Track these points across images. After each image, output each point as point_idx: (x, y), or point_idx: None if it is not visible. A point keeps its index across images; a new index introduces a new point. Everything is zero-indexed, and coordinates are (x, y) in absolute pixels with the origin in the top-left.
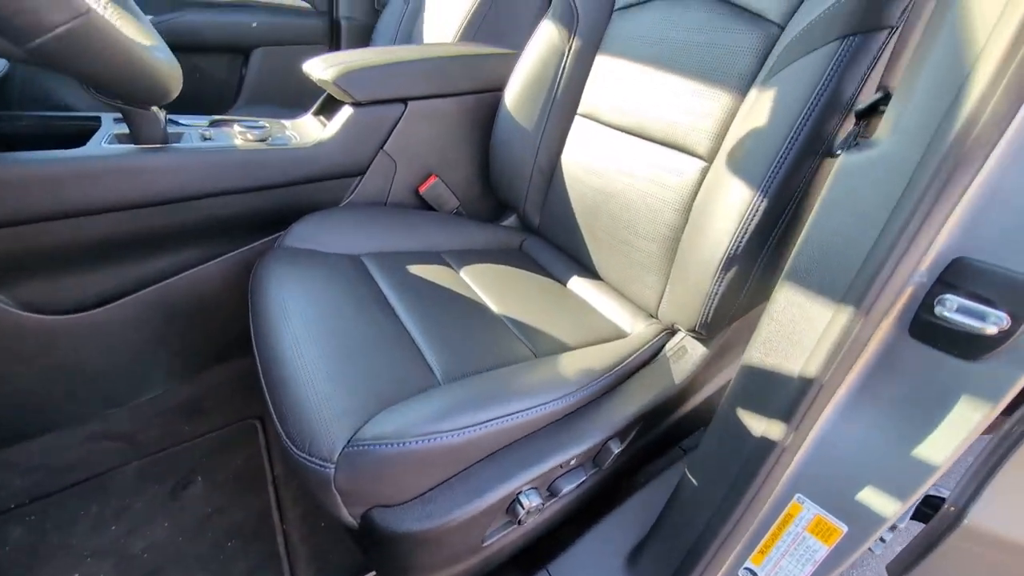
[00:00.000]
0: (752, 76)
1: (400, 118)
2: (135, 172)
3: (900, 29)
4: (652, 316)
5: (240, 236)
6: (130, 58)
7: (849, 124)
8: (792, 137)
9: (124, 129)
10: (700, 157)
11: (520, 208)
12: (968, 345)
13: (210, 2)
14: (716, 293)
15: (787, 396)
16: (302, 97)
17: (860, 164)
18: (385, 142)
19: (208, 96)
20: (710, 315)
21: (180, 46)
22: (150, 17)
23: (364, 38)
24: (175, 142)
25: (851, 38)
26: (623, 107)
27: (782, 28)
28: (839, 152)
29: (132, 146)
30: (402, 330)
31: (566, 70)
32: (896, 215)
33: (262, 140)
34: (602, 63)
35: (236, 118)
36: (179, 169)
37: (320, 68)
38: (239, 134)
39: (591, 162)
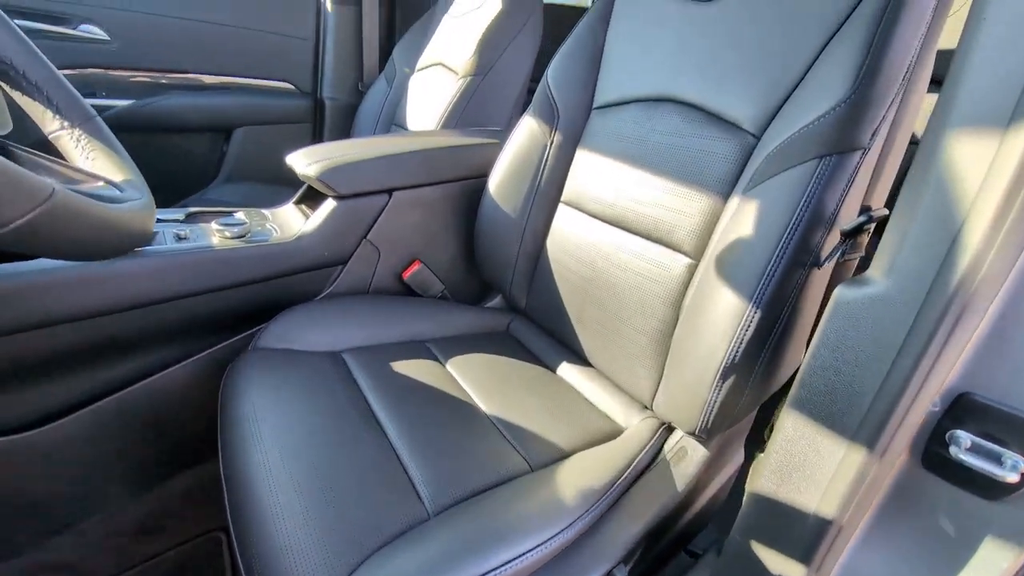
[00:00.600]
0: (731, 181)
1: (384, 207)
2: (102, 280)
3: (870, 150)
4: (646, 407)
5: (212, 335)
6: (102, 225)
7: (833, 238)
8: (780, 250)
9: None
10: (686, 254)
11: (506, 290)
12: (988, 486)
13: (194, 85)
14: (715, 401)
15: (804, 534)
16: (283, 174)
17: (860, 302)
18: (369, 231)
19: (188, 174)
20: (710, 421)
21: (161, 127)
22: (131, 101)
23: (348, 117)
24: (151, 239)
25: (828, 158)
26: (606, 199)
27: (757, 138)
28: (825, 264)
29: None
30: (386, 445)
31: (548, 161)
32: (903, 355)
33: (240, 236)
34: (583, 156)
35: (214, 210)
36: (151, 275)
37: (303, 163)
38: (216, 232)
39: (577, 250)
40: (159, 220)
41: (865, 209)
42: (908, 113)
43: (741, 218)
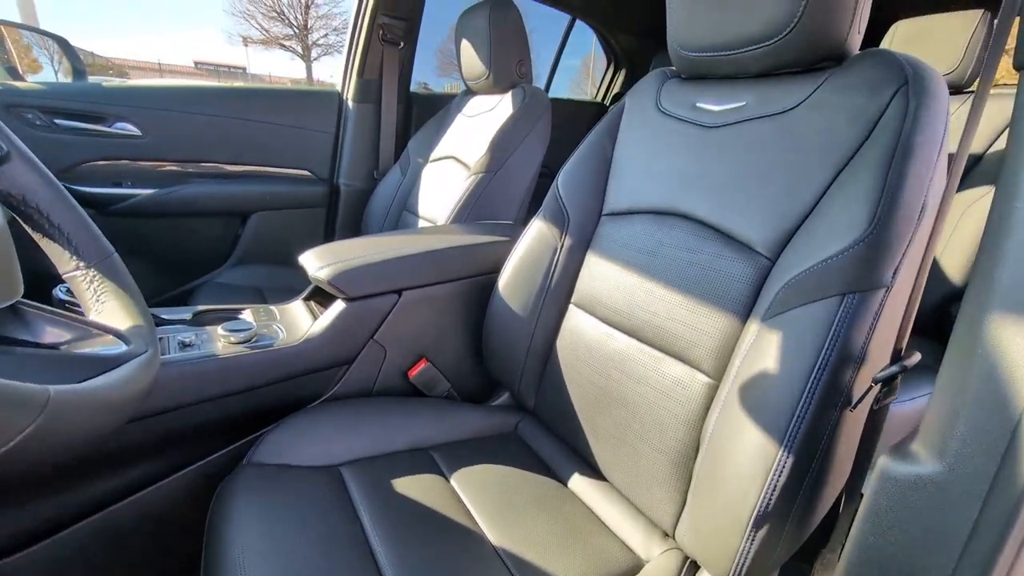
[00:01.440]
0: (747, 303)
1: (393, 307)
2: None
3: (892, 288)
4: (667, 534)
5: (210, 444)
6: (105, 409)
7: (863, 376)
8: (809, 390)
9: None
10: (705, 373)
11: (515, 389)
12: None
13: (214, 173)
14: (749, 550)
15: None
16: (295, 257)
17: (910, 482)
18: (376, 331)
19: (200, 256)
20: (743, 570)
21: (181, 213)
22: (154, 190)
23: (361, 203)
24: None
25: (851, 296)
26: (620, 308)
27: (771, 261)
28: (857, 406)
29: None
30: None
31: (559, 263)
32: (970, 555)
33: (246, 341)
34: (594, 260)
35: (222, 308)
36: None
37: (314, 265)
38: (221, 337)
39: (589, 356)
40: (165, 321)
41: (896, 354)
42: (926, 250)
43: (764, 348)
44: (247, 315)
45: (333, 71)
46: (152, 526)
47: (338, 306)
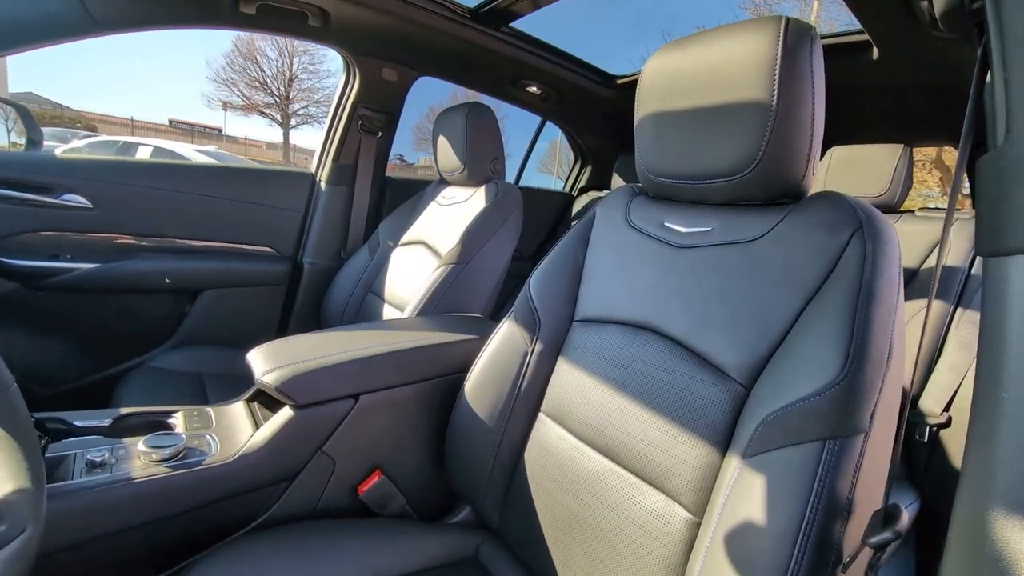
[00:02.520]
0: (726, 431)
1: (348, 414)
2: None
3: (870, 434)
4: None
5: None
6: None
7: (853, 528)
8: (800, 548)
9: None
10: (685, 507)
11: (477, 503)
12: None
13: (167, 248)
14: None
15: None
16: (244, 338)
17: None
18: (325, 442)
19: (139, 335)
20: None
21: (125, 289)
22: (95, 265)
23: (325, 281)
24: (52, 471)
25: (832, 442)
26: (591, 422)
27: (746, 388)
28: (848, 568)
29: None
30: None
31: (529, 369)
32: None
33: (171, 459)
34: (565, 368)
35: (148, 411)
36: (51, 521)
37: (262, 367)
38: (141, 455)
39: (560, 474)
40: (78, 431)
41: (890, 517)
42: (894, 394)
43: (748, 492)
44: (178, 419)
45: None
46: None
47: (284, 413)
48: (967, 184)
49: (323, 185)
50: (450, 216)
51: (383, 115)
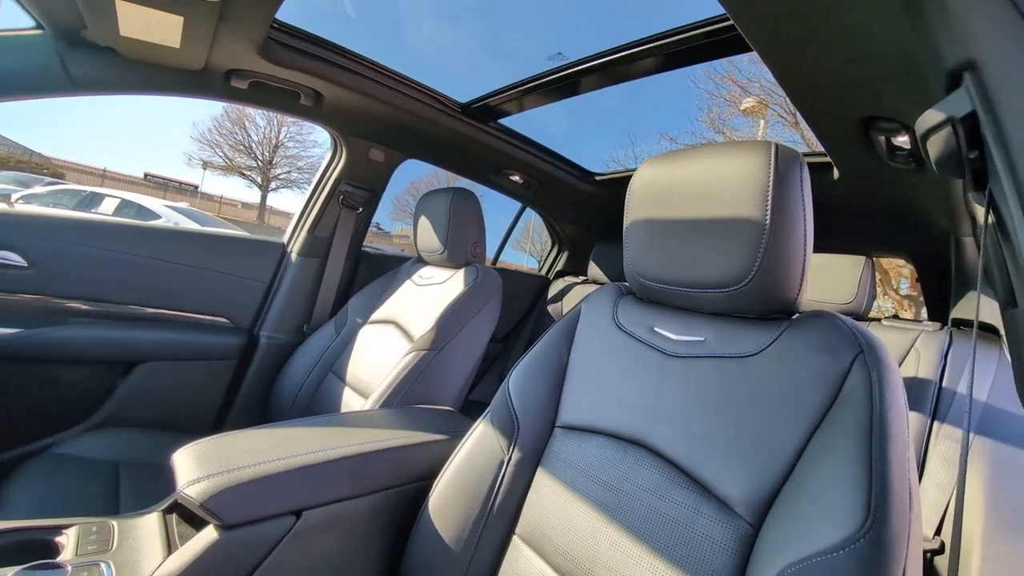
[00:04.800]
0: None
1: (286, 535)
2: None
3: None
4: None
5: None
6: None
7: None
8: None
9: None
10: None
11: None
12: None
13: (103, 313)
14: None
15: None
16: (180, 419)
17: None
18: (255, 570)
19: (48, 413)
20: None
21: (47, 359)
22: (14, 331)
23: (282, 358)
24: None
25: None
26: (575, 556)
27: (754, 528)
28: None
29: None
30: None
31: (504, 481)
32: None
33: None
34: (545, 483)
35: (28, 527)
36: None
37: (188, 473)
38: None
39: None
40: None
41: None
42: (919, 546)
43: None
44: (68, 538)
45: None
46: None
47: (208, 535)
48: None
49: (294, 256)
50: (426, 297)
51: (366, 192)
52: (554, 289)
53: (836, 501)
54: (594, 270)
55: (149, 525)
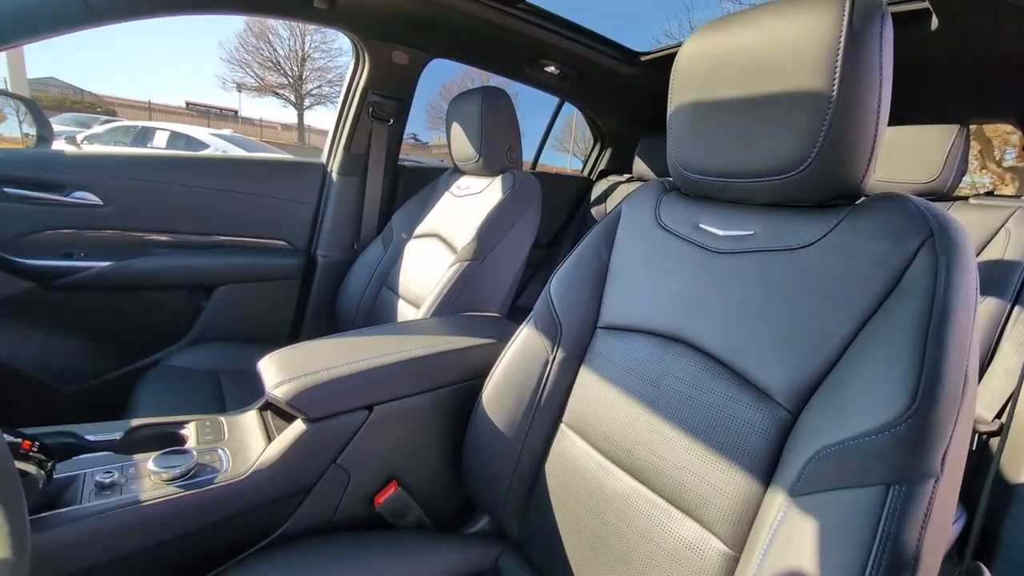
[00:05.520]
0: (768, 460)
1: (361, 426)
2: None
3: (942, 478)
4: None
5: None
6: None
7: None
8: None
9: None
10: (723, 540)
11: (496, 514)
12: None
13: (180, 244)
14: None
15: None
16: (261, 333)
17: None
18: (340, 454)
19: (154, 332)
20: None
21: (139, 286)
22: (109, 263)
23: (339, 274)
24: (61, 494)
25: (897, 488)
26: (617, 440)
27: (793, 415)
28: None
29: None
30: None
31: (550, 378)
32: None
33: (181, 477)
34: (589, 379)
35: (161, 423)
36: (55, 550)
37: (273, 379)
38: (151, 474)
39: (584, 493)
40: (90, 446)
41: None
42: (967, 431)
43: (798, 534)
44: (190, 431)
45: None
46: None
47: (297, 427)
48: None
49: (335, 176)
50: (465, 208)
51: (395, 101)
52: (597, 190)
53: (880, 387)
54: (640, 167)
55: (250, 420)
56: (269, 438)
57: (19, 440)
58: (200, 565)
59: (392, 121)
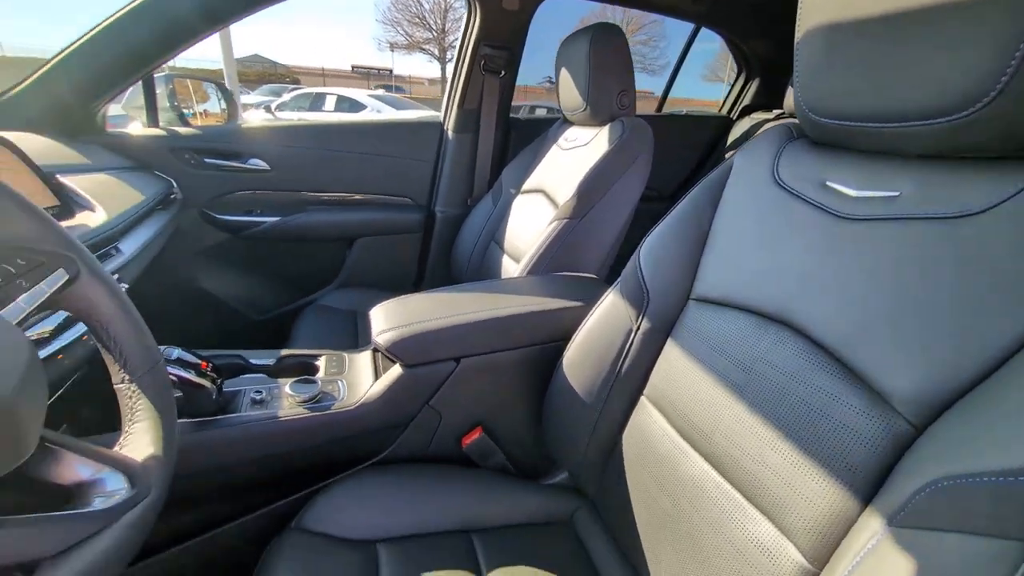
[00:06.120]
0: (873, 479)
1: (450, 375)
2: (188, 448)
3: None
4: None
5: (263, 497)
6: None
7: None
8: None
9: None
10: (801, 551)
11: (574, 472)
12: None
13: (327, 201)
14: None
15: None
16: (389, 281)
17: None
18: (432, 397)
19: (312, 277)
20: None
21: (299, 238)
22: (278, 218)
23: (454, 229)
24: (229, 403)
25: None
26: (696, 422)
27: (915, 430)
28: None
29: (185, 421)
30: None
31: (632, 349)
32: None
33: (308, 401)
34: (674, 355)
35: (303, 354)
36: (221, 446)
37: (378, 327)
38: (288, 396)
39: (658, 470)
40: (252, 368)
41: None
42: None
43: (893, 570)
44: (321, 363)
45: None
46: (205, 573)
47: (396, 371)
48: None
49: (450, 133)
50: (570, 162)
51: (505, 52)
52: (738, 131)
53: None
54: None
55: (365, 358)
56: (376, 376)
57: (199, 362)
58: (318, 473)
59: (503, 73)
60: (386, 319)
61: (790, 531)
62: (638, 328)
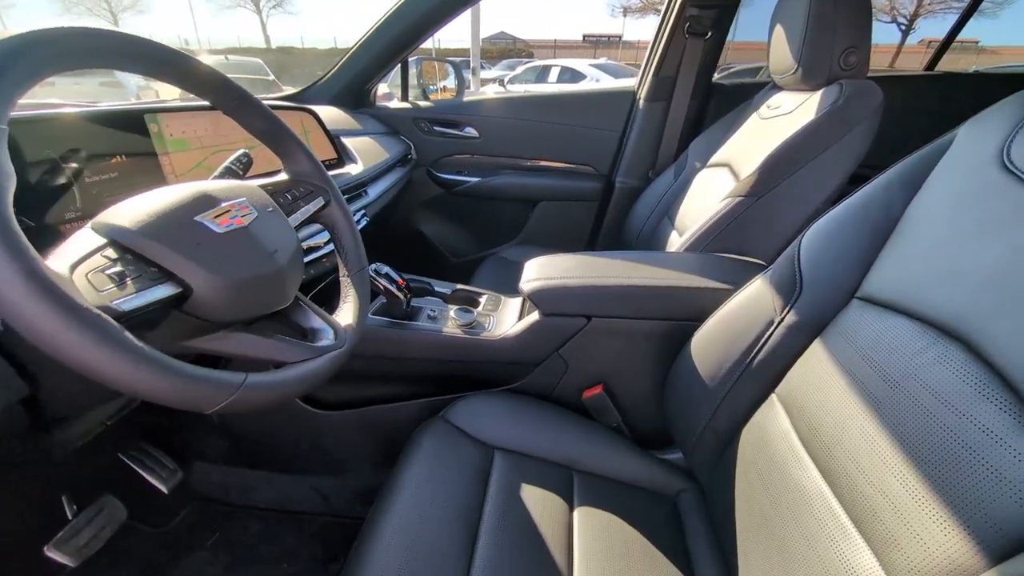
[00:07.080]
0: (1013, 541)
1: (580, 330)
2: (381, 338)
3: None
4: None
5: (424, 390)
6: (280, 399)
7: None
8: None
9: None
10: None
11: (688, 455)
12: None
13: (517, 167)
14: None
15: None
16: (563, 243)
17: None
18: (561, 347)
19: (499, 231)
20: None
21: (492, 197)
22: (477, 180)
23: (632, 200)
24: (415, 314)
25: None
26: (818, 428)
27: None
28: None
29: (383, 319)
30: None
31: (770, 341)
32: None
33: (464, 326)
34: (819, 355)
35: (472, 291)
36: (402, 341)
37: (529, 275)
38: (451, 319)
39: (768, 470)
40: (435, 293)
41: None
42: None
43: None
44: (483, 300)
45: None
46: (374, 434)
47: (534, 316)
48: None
49: (641, 102)
50: (766, 133)
51: (715, 10)
52: None
53: None
54: None
55: (515, 302)
56: (520, 318)
57: (399, 280)
58: (465, 384)
59: (710, 34)
60: (535, 271)
61: (892, 569)
62: (781, 321)
